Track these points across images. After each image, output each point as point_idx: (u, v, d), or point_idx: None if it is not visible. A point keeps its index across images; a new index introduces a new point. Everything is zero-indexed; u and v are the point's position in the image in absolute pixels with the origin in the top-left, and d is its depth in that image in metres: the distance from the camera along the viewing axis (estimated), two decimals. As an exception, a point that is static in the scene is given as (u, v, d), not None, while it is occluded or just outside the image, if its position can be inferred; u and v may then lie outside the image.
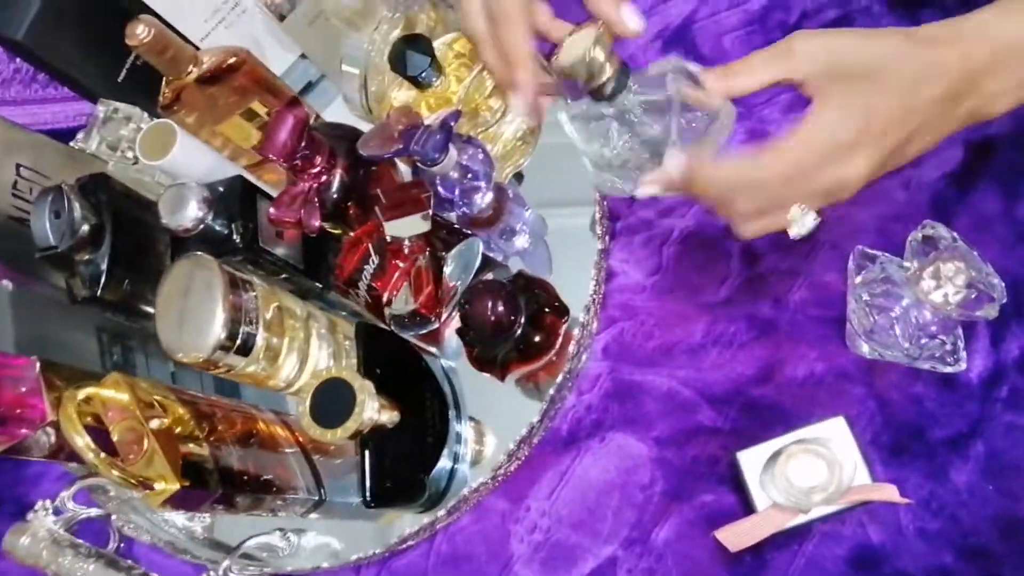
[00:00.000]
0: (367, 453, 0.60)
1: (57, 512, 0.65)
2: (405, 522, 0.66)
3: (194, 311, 0.58)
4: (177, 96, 0.68)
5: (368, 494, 0.59)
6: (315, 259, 0.73)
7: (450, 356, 0.72)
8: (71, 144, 0.77)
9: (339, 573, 0.69)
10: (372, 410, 0.57)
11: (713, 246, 0.69)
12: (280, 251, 0.69)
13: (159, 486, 0.54)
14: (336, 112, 0.77)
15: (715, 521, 0.62)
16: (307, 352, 0.67)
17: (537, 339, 0.62)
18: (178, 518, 0.74)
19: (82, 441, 0.51)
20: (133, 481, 0.53)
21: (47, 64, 0.69)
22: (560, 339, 0.64)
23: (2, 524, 0.75)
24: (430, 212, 0.63)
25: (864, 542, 0.59)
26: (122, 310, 0.67)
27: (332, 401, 0.57)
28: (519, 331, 0.60)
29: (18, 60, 0.93)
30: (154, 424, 0.55)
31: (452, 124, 0.62)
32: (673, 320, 0.68)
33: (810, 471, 0.55)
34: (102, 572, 0.62)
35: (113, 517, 0.71)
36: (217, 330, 0.57)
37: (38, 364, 0.57)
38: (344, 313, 0.74)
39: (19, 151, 0.69)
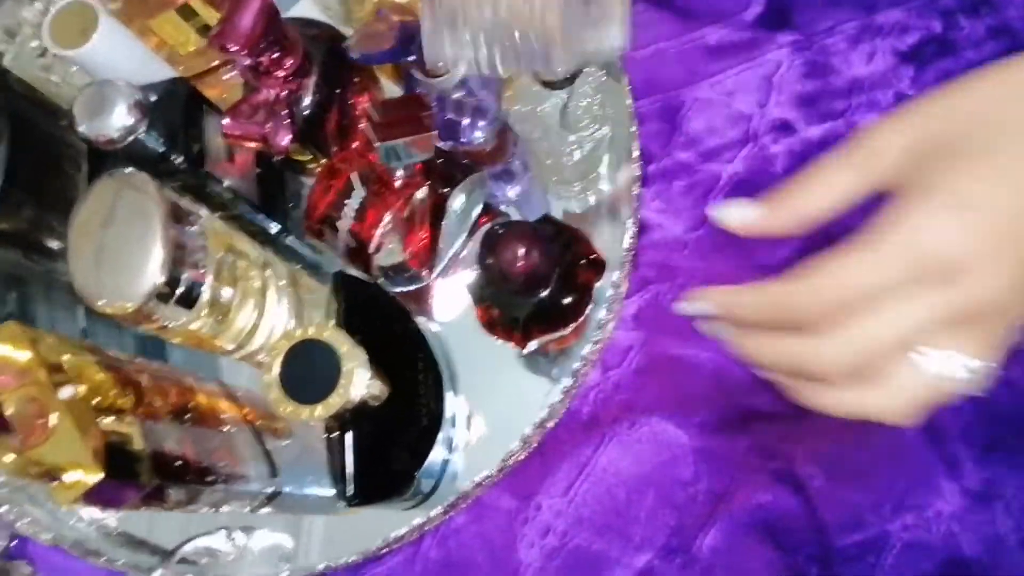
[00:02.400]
0: (348, 437, 0.46)
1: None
2: (387, 521, 0.53)
3: (122, 247, 0.44)
4: (102, -24, 0.53)
5: (351, 489, 0.46)
6: (272, 192, 0.58)
7: (439, 321, 0.59)
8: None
9: (299, 585, 0.55)
10: (362, 383, 0.43)
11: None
12: (229, 180, 0.54)
13: (71, 476, 0.39)
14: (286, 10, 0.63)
15: (773, 527, 0.51)
16: (263, 307, 0.53)
17: (567, 300, 0.49)
18: (87, 510, 0.59)
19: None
20: (35, 470, 0.38)
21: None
22: (593, 301, 0.51)
23: None
24: (435, 134, 0.49)
25: (956, 555, 0.49)
26: (20, 244, 0.52)
27: (308, 370, 0.44)
28: (551, 288, 0.47)
29: None
30: (66, 393, 0.40)
31: (467, 21, 0.49)
32: (721, 284, 0.56)
33: None
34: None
35: (2, 509, 0.56)
36: (154, 272, 0.43)
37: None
38: (299, 266, 0.60)
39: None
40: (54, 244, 0.53)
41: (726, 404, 0.54)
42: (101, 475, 0.40)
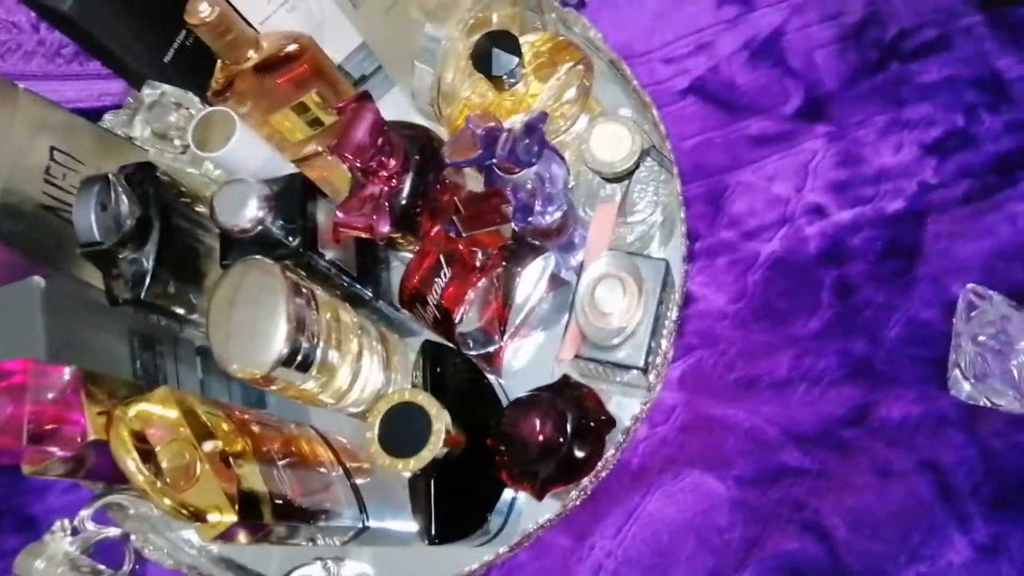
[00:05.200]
0: (432, 485, 0.55)
1: (74, 532, 0.59)
2: (460, 556, 0.61)
3: (253, 321, 0.53)
4: (230, 83, 0.63)
5: (433, 530, 0.54)
6: (367, 263, 0.68)
7: (506, 378, 0.67)
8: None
9: (382, 607, 0.64)
10: (446, 440, 0.52)
11: (803, 274, 0.64)
12: (331, 255, 0.64)
13: (213, 517, 0.48)
14: (387, 109, 0.72)
15: (799, 572, 0.58)
16: (359, 366, 0.62)
17: (581, 455, 0.56)
18: (195, 538, 0.68)
19: (134, 466, 0.46)
20: (186, 512, 0.47)
21: (91, 38, 0.63)
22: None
23: (5, 539, 0.70)
24: (512, 224, 0.58)
25: (964, 604, 0.55)
26: (161, 312, 0.61)
27: (402, 427, 0.52)
28: (565, 450, 0.54)
29: (42, 31, 0.87)
30: (208, 447, 0.49)
31: (541, 127, 0.57)
32: (757, 351, 0.63)
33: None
34: (127, 600, 0.56)
35: (132, 537, 0.65)
36: (279, 344, 0.52)
37: (77, 374, 0.51)
38: (385, 325, 0.69)
39: (52, 132, 0.63)
40: (183, 311, 0.63)
41: (759, 460, 0.61)
42: (235, 517, 0.48)
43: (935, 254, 0.62)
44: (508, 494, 0.62)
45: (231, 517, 0.48)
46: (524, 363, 0.68)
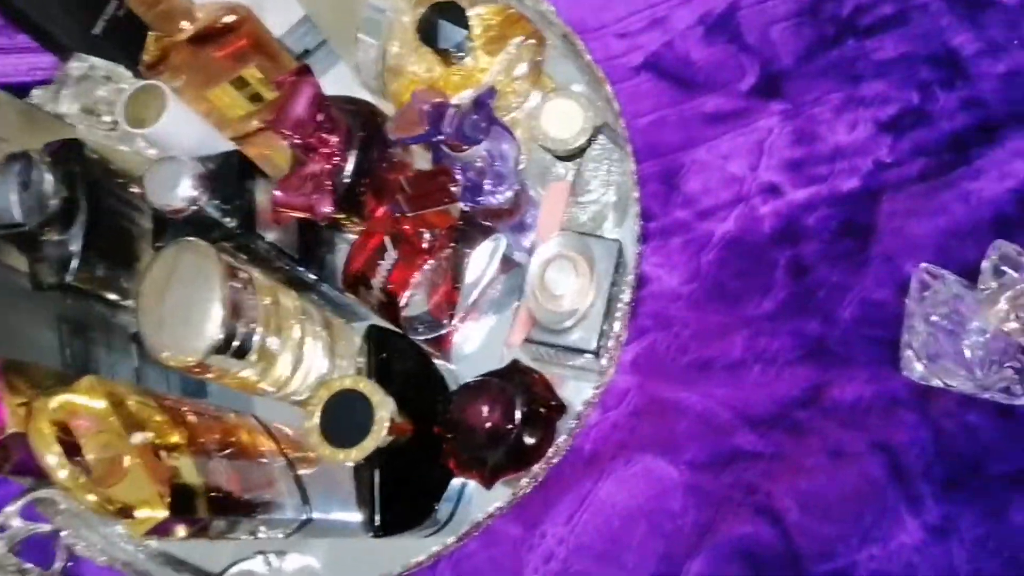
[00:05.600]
0: (376, 474, 0.53)
1: (0, 529, 0.57)
2: (407, 547, 0.59)
3: (185, 306, 0.50)
4: (164, 55, 0.60)
5: (377, 521, 0.52)
6: (310, 244, 0.65)
7: (456, 364, 0.65)
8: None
9: (328, 600, 0.62)
10: (391, 429, 0.50)
11: (757, 254, 0.63)
12: (271, 237, 0.61)
13: (142, 513, 0.46)
14: (331, 85, 0.69)
15: (753, 556, 0.57)
16: (301, 353, 0.59)
17: (531, 441, 0.55)
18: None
19: (56, 460, 0.43)
20: (112, 508, 0.45)
21: (15, 10, 0.60)
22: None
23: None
24: (460, 203, 0.56)
25: (915, 585, 0.55)
26: (90, 297, 0.58)
27: (345, 415, 0.50)
28: (514, 436, 0.53)
29: (-33, 3, 0.82)
30: (137, 439, 0.47)
31: (490, 103, 0.55)
32: (711, 333, 0.62)
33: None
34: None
35: (63, 533, 0.63)
36: (213, 329, 0.50)
37: (-4, 362, 0.48)
38: (329, 310, 0.66)
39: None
40: (115, 296, 0.60)
41: (712, 444, 0.60)
42: (166, 512, 0.46)
43: (889, 233, 0.61)
44: (457, 482, 0.60)
45: (161, 512, 0.46)
46: (475, 348, 0.66)
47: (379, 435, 0.49)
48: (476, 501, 0.60)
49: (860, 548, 0.56)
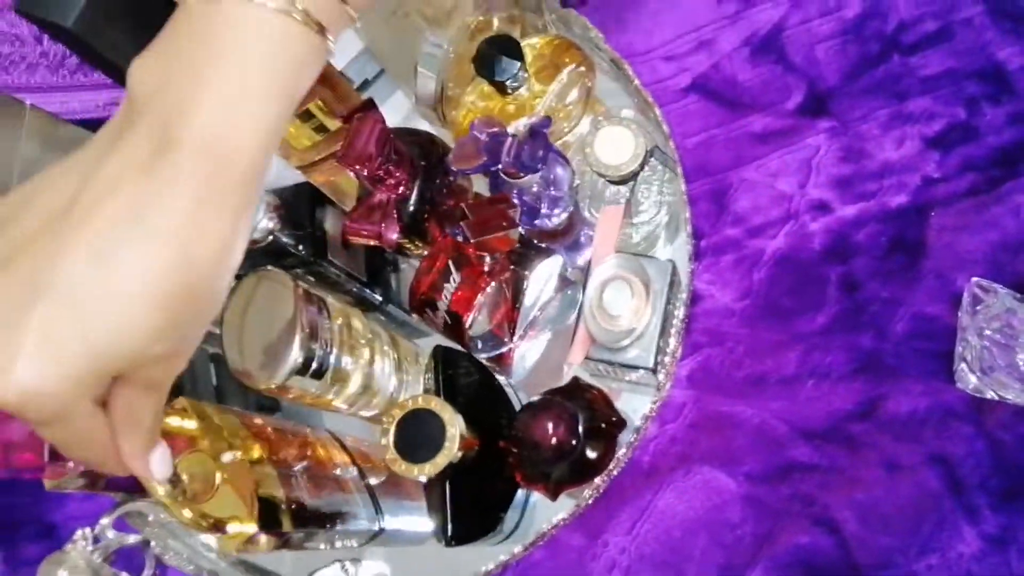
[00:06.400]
0: (448, 487, 0.55)
1: (95, 540, 0.60)
2: (476, 556, 0.62)
3: (266, 331, 0.54)
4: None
5: (450, 532, 0.55)
6: (376, 268, 0.68)
7: (516, 379, 0.68)
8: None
9: (400, 608, 0.64)
10: (460, 444, 0.52)
11: (808, 270, 0.65)
12: (340, 262, 0.64)
13: (233, 527, 0.49)
14: (390, 113, 0.72)
15: (811, 566, 0.58)
16: (372, 371, 0.62)
17: (593, 455, 0.57)
18: (214, 542, 0.69)
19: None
20: (206, 524, 0.48)
21: (95, 52, 0.63)
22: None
23: (25, 548, 0.71)
24: (519, 228, 0.59)
25: (971, 595, 0.56)
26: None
27: (417, 432, 0.53)
28: (577, 451, 0.55)
29: (45, 43, 0.87)
30: (227, 458, 0.50)
31: (545, 132, 0.58)
32: (764, 348, 0.64)
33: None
34: (150, 608, 0.57)
35: (152, 544, 0.66)
36: (294, 353, 0.53)
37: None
38: (395, 329, 0.69)
39: (60, 147, 0.63)
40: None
41: (769, 456, 0.61)
42: (255, 527, 0.49)
43: (940, 248, 0.63)
44: (522, 494, 0.62)
45: (251, 527, 0.49)
46: (533, 363, 0.69)
47: (451, 451, 0.52)
48: (541, 512, 0.62)
49: (918, 558, 0.57)
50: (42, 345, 0.32)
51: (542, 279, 0.64)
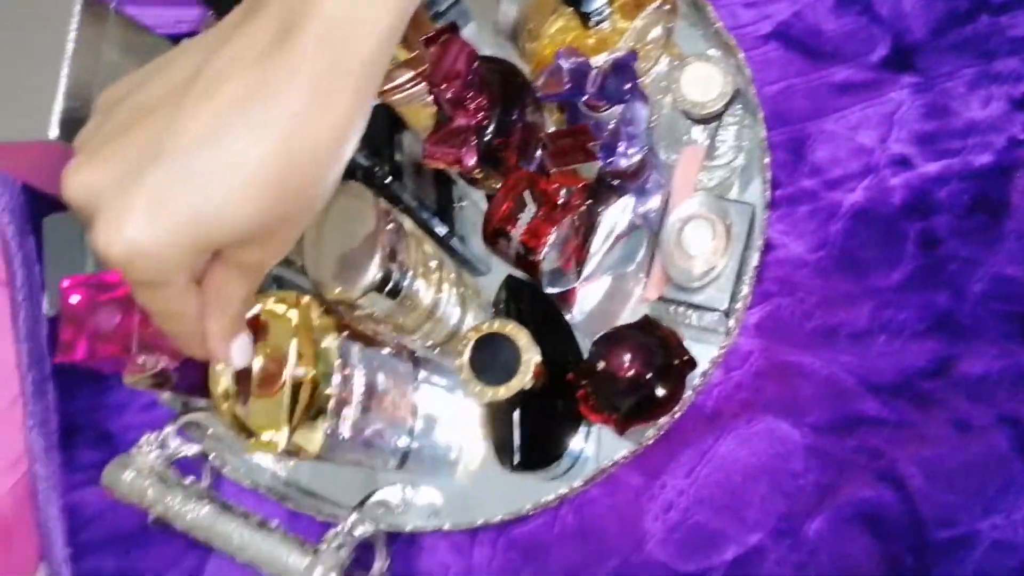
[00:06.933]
0: (516, 414, 0.55)
1: (160, 447, 0.61)
2: (534, 488, 0.62)
3: (346, 246, 0.53)
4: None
5: (517, 458, 0.55)
6: (443, 204, 0.68)
7: (578, 317, 0.67)
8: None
9: (451, 535, 0.65)
10: (534, 371, 0.52)
11: (886, 225, 0.64)
12: (411, 189, 0.64)
13: (266, 436, 0.49)
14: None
15: (874, 519, 0.58)
16: (439, 299, 0.62)
17: (662, 393, 0.56)
18: (265, 460, 0.70)
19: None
20: (239, 423, 0.48)
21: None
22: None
23: (83, 452, 0.71)
24: (598, 162, 0.58)
25: (1041, 554, 0.56)
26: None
27: (491, 356, 0.53)
28: (649, 386, 0.54)
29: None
30: (299, 371, 0.50)
31: (633, 65, 0.57)
32: (836, 301, 0.63)
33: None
34: (214, 516, 0.57)
35: (211, 456, 0.67)
36: (373, 269, 0.52)
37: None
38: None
39: (139, 55, 0.63)
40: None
41: (836, 408, 0.61)
42: (281, 448, 0.49)
43: (1021, 209, 0.61)
44: (584, 434, 0.62)
45: (278, 446, 0.49)
46: (591, 308, 0.68)
47: (526, 375, 0.52)
48: (600, 451, 0.62)
49: (983, 517, 0.57)
50: (152, 208, 0.33)
51: (614, 218, 0.63)
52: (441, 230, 0.67)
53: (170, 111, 0.34)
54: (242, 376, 0.49)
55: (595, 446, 0.62)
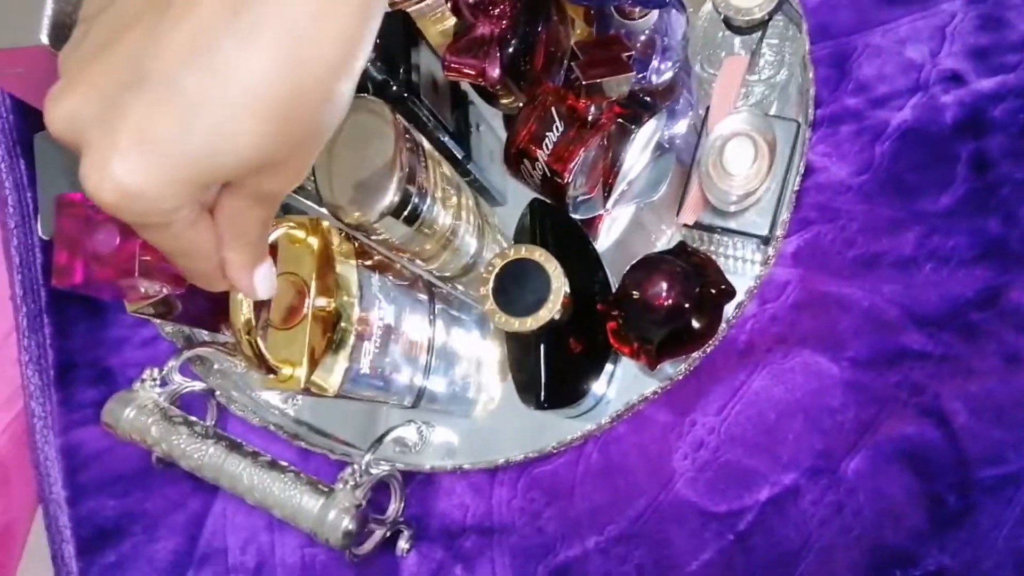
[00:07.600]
0: (543, 348, 0.52)
1: (162, 383, 0.58)
2: (559, 426, 0.59)
3: (362, 165, 0.49)
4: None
5: (542, 396, 0.52)
6: (459, 126, 0.63)
7: (602, 245, 0.63)
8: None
9: (470, 475, 0.62)
10: (563, 300, 0.48)
11: (936, 146, 0.59)
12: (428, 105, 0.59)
13: (286, 371, 0.45)
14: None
15: (916, 456, 0.55)
16: (457, 225, 0.58)
17: (698, 325, 0.52)
18: (273, 398, 0.67)
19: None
20: (259, 357, 0.44)
21: None
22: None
23: (80, 390, 0.68)
24: (632, 74, 0.53)
25: (1091, 494, 0.53)
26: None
27: (517, 285, 0.49)
28: (685, 317, 0.50)
29: None
30: (320, 303, 0.46)
31: (672, -32, 0.52)
32: (881, 227, 0.59)
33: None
34: (222, 456, 0.54)
35: (217, 393, 0.64)
36: (391, 191, 0.48)
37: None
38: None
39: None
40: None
41: (877, 341, 0.57)
42: (302, 385, 0.46)
43: (1086, 130, 0.57)
44: (610, 367, 0.59)
45: (299, 382, 0.45)
46: (616, 239, 0.64)
47: (555, 305, 0.48)
48: (627, 387, 0.59)
49: (1031, 455, 0.54)
50: (140, 144, 0.28)
51: (645, 139, 0.59)
52: (459, 152, 0.63)
53: (149, 24, 0.28)
54: (258, 307, 0.46)
55: (617, 386, 0.59)
